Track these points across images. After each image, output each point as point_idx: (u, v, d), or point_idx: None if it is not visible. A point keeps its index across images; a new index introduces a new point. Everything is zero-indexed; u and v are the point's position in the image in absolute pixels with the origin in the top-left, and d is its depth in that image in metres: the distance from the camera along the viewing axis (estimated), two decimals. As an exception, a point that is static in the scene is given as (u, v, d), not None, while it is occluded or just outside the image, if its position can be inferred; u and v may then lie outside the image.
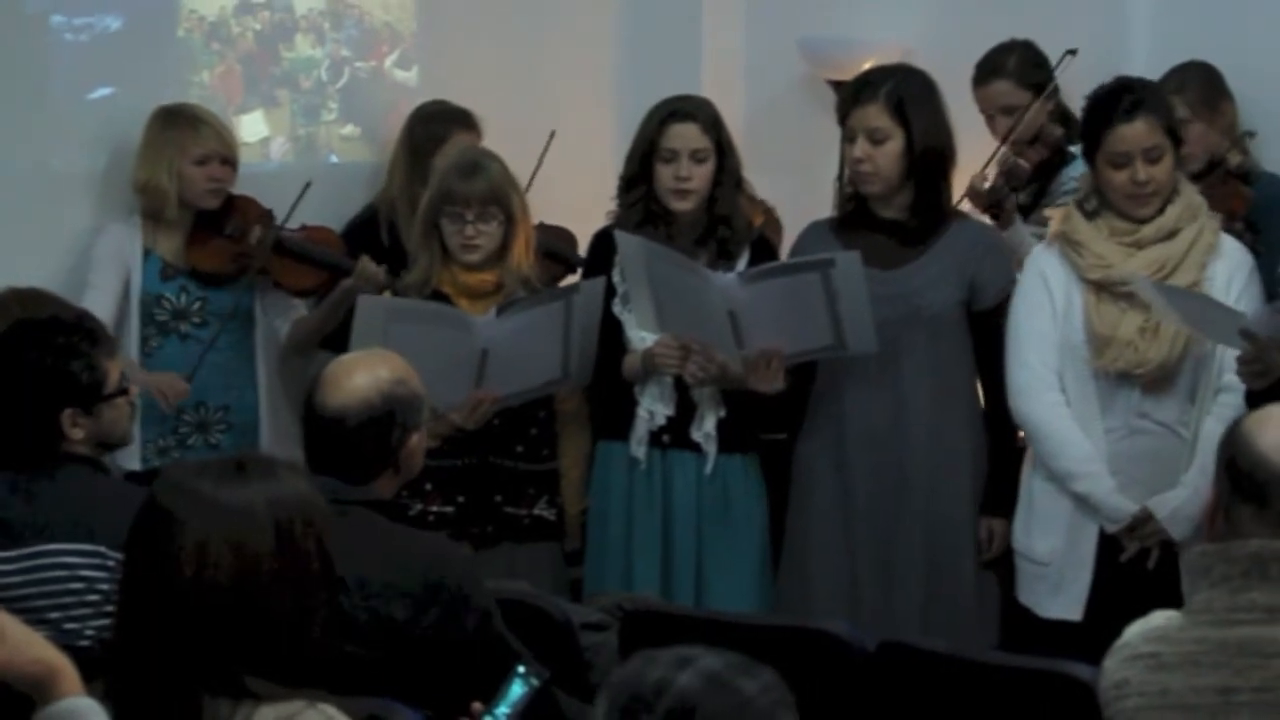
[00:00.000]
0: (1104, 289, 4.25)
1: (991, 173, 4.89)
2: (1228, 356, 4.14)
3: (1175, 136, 4.23)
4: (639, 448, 4.56)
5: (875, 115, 4.39)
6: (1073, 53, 4.86)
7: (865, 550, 4.47)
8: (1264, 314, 4.03)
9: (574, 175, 5.21)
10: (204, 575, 2.23)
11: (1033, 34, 5.07)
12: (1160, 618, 2.49)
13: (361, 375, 3.25)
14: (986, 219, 4.81)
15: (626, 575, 4.56)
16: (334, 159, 5.56)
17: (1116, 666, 2.47)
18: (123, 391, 3.51)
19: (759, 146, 5.40)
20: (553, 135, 5.10)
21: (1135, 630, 2.51)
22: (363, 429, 3.20)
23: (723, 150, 4.54)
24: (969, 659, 3.35)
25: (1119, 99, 4.20)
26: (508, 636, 3.14)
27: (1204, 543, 2.48)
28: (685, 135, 4.50)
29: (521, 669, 2.82)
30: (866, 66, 4.83)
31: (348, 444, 3.21)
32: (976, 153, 4.82)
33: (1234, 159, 4.77)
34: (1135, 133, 4.17)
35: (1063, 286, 4.30)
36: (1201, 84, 4.86)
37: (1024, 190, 4.97)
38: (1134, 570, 4.19)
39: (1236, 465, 2.43)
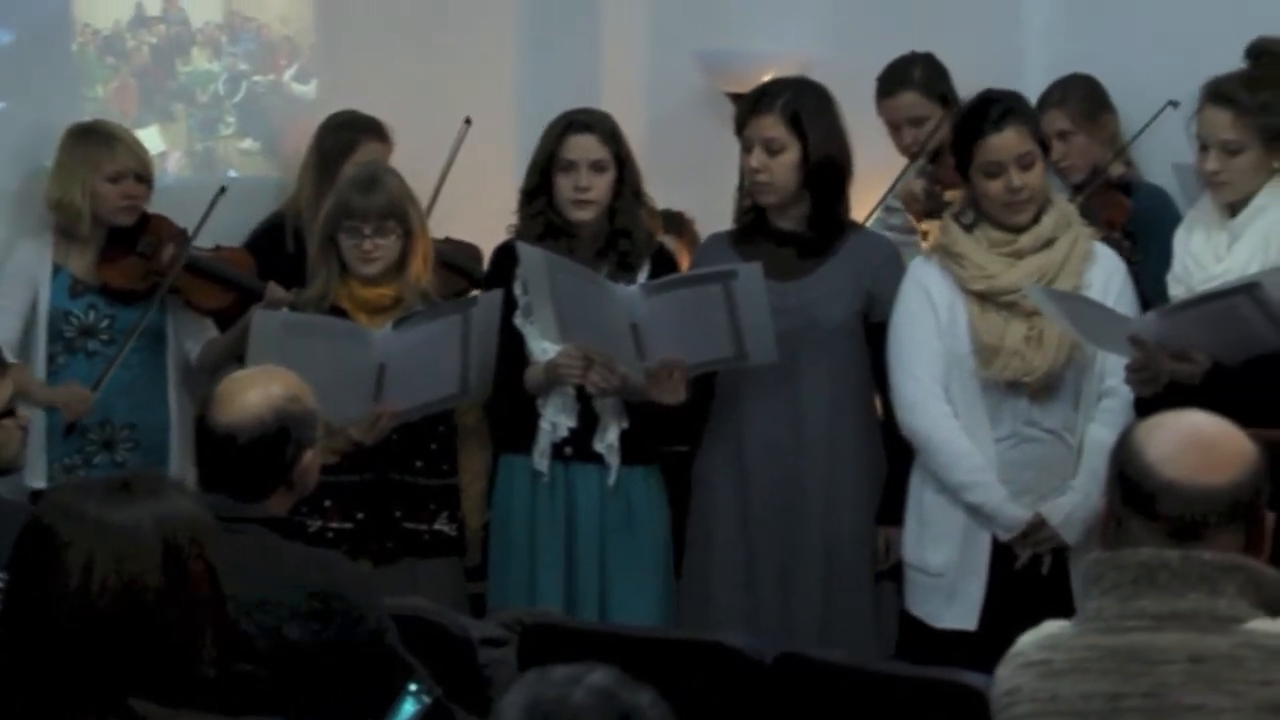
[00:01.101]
0: (987, 299, 4.29)
1: (919, 182, 4.92)
2: (1109, 362, 4.20)
3: (1044, 145, 4.29)
4: (541, 460, 4.56)
5: (771, 126, 4.41)
6: (972, 67, 4.89)
7: (764, 561, 4.49)
8: (1152, 320, 4.08)
9: (477, 190, 5.20)
10: (89, 596, 2.21)
11: (928, 47, 5.11)
12: (1053, 626, 2.51)
13: (254, 392, 3.23)
14: (923, 229, 4.85)
15: (530, 589, 4.55)
16: (232, 174, 5.52)
17: (1009, 674, 2.49)
18: (9, 413, 3.47)
19: (659, 158, 5.40)
20: (468, 122, 5.11)
21: (1028, 638, 2.52)
22: (255, 446, 3.18)
23: (622, 162, 4.56)
24: (865, 669, 3.38)
25: (987, 110, 4.26)
26: (402, 654, 3.13)
27: (1097, 550, 2.49)
28: (584, 146, 4.51)
29: (413, 687, 2.81)
30: (765, 79, 4.85)
31: (240, 461, 3.19)
32: (873, 166, 4.85)
33: (1116, 170, 4.83)
34: (1006, 141, 4.22)
35: (945, 298, 4.34)
36: (1083, 96, 4.93)
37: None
38: (1027, 577, 4.23)
39: (1126, 475, 2.43)
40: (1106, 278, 4.30)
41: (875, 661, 3.54)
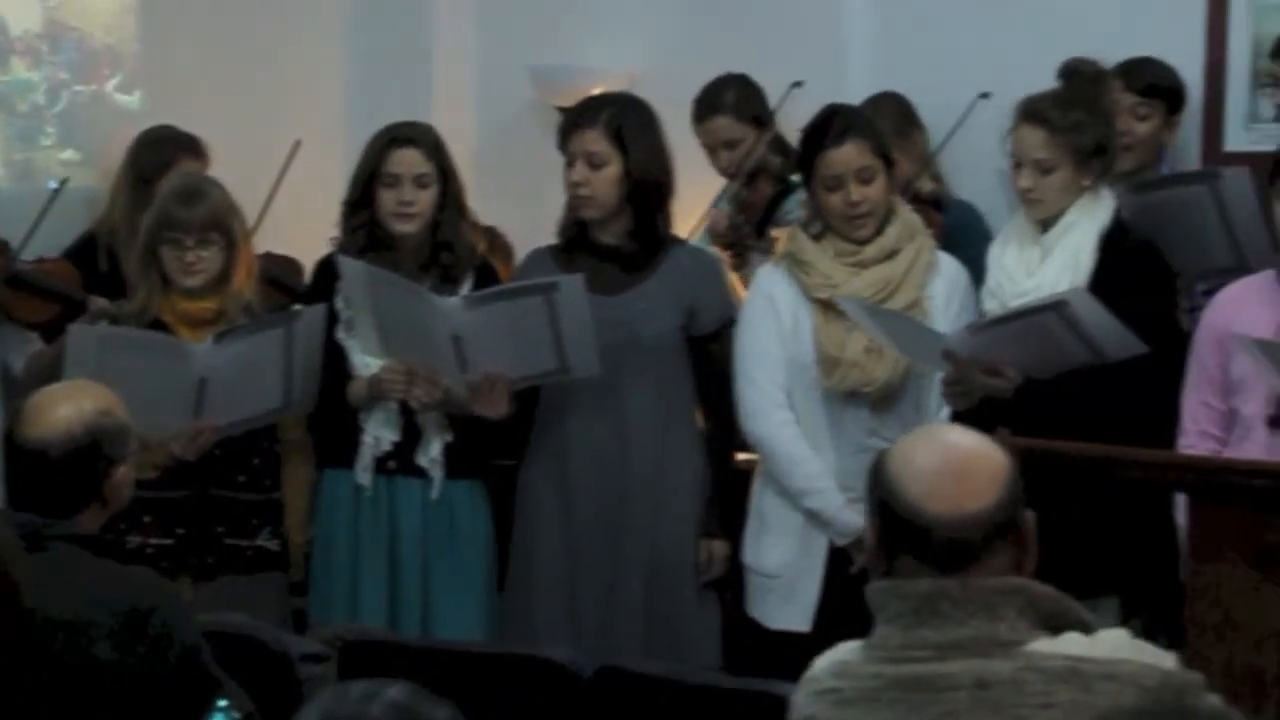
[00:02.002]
0: (831, 308, 4.34)
1: (726, 213, 4.96)
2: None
3: (887, 159, 4.34)
4: (364, 475, 4.53)
5: (594, 140, 4.43)
6: (798, 84, 4.94)
7: (589, 574, 4.50)
8: (964, 335, 4.14)
9: (305, 204, 5.16)
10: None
11: (755, 65, 5.16)
12: (845, 650, 2.50)
13: (64, 407, 3.18)
14: (725, 258, 4.88)
15: (352, 604, 4.52)
16: (53, 184, 5.43)
17: (804, 701, 2.49)
18: None
19: (491, 172, 5.42)
20: (297, 145, 5.06)
21: (822, 663, 2.52)
22: (65, 461, 3.14)
23: (445, 176, 4.55)
24: (684, 681, 3.39)
25: (829, 125, 4.31)
26: (215, 671, 3.10)
27: (874, 579, 2.48)
28: (407, 161, 4.50)
29: (223, 703, 2.79)
30: (595, 93, 4.87)
31: (50, 477, 3.14)
32: (695, 182, 4.89)
33: (926, 186, 4.90)
34: (845, 156, 4.27)
35: (790, 306, 4.38)
36: (893, 114, 5.00)
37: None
38: (862, 581, 4.27)
39: (893, 513, 2.41)
40: (950, 289, 4.35)
41: (695, 673, 3.55)
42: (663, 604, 4.50)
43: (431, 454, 4.54)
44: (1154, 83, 4.68)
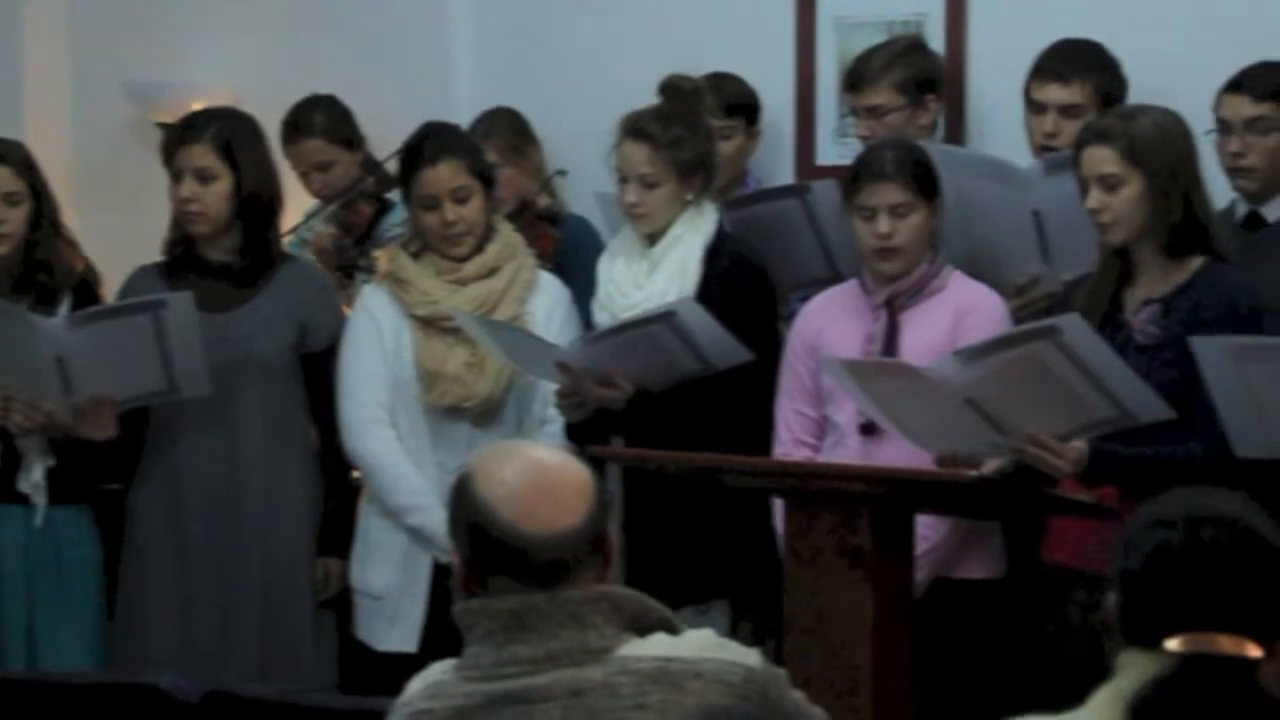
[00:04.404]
0: (431, 325, 4.36)
1: (329, 234, 4.92)
2: (548, 388, 4.30)
3: (485, 178, 4.38)
4: (-38, 503, 4.39)
5: (202, 155, 4.38)
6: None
7: (202, 598, 4.42)
8: (577, 346, 4.20)
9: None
10: None
11: (357, 81, 5.14)
12: (436, 671, 2.50)
13: None
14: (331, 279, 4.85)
15: (-47, 637, 4.38)
16: None
17: None
18: None
19: (87, 189, 5.28)
20: None
21: (415, 686, 2.50)
22: None
23: (38, 193, 4.44)
24: (292, 703, 3.36)
25: (424, 144, 4.34)
26: None
27: (460, 599, 2.46)
28: None
29: None
30: (195, 109, 4.80)
31: None
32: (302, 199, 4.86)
33: (542, 201, 4.96)
34: (440, 176, 4.30)
35: (392, 324, 4.40)
36: (508, 129, 5.04)
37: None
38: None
39: (488, 536, 2.40)
40: (550, 306, 4.41)
41: (305, 694, 3.52)
42: (279, 625, 4.45)
43: (33, 479, 4.41)
44: (734, 101, 4.81)
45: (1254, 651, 2.19)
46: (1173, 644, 2.20)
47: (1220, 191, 4.25)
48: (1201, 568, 2.22)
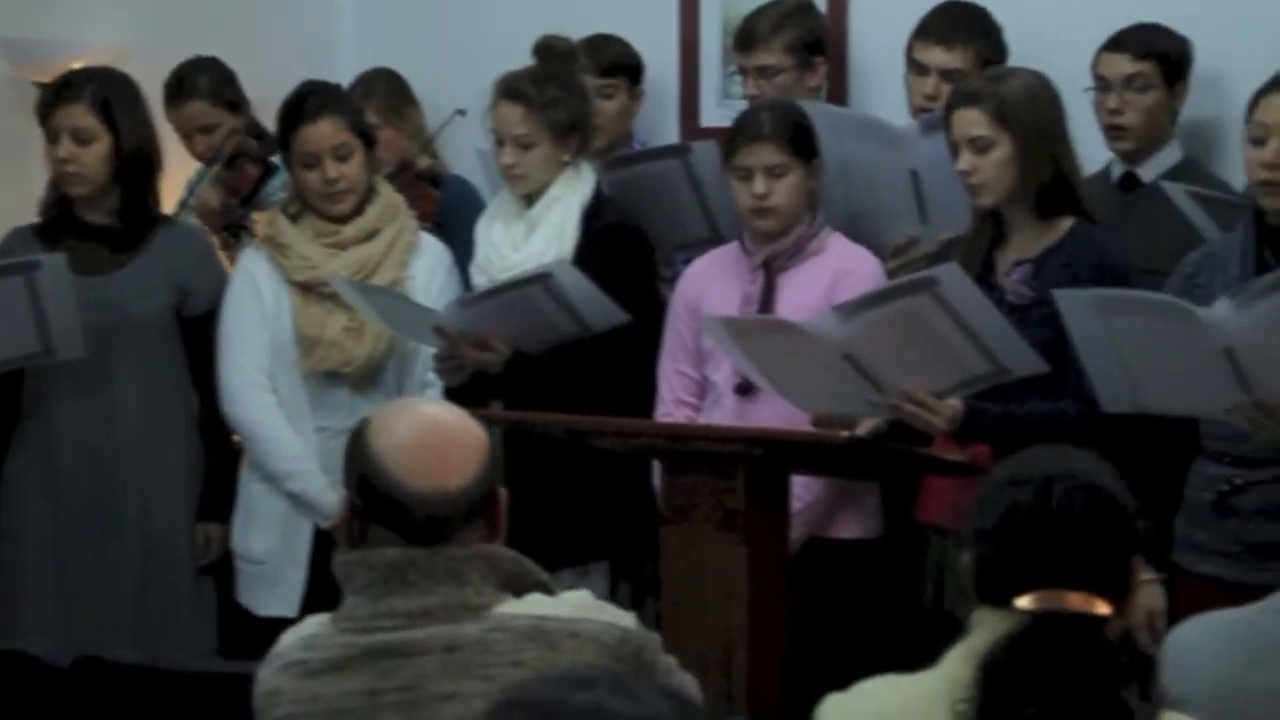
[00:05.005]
0: (310, 290, 4.34)
1: (214, 194, 4.88)
2: (429, 352, 4.28)
3: (366, 137, 4.35)
4: None
5: (80, 115, 4.35)
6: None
7: (79, 563, 4.39)
8: (453, 309, 4.18)
9: None
10: None
11: (241, 41, 5.08)
12: (312, 624, 2.50)
13: None
14: (217, 240, 4.81)
15: None
16: None
17: (269, 676, 2.48)
18: None
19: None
20: None
21: (289, 638, 2.51)
22: None
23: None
24: (163, 668, 3.35)
25: (305, 102, 4.32)
26: None
27: (344, 550, 2.48)
28: None
29: None
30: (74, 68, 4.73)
31: None
32: (182, 161, 4.81)
33: (422, 162, 4.93)
34: (321, 133, 4.28)
35: (272, 289, 4.37)
36: (387, 91, 5.00)
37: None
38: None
39: (373, 488, 2.41)
40: (431, 269, 4.39)
41: (176, 660, 3.52)
42: (158, 591, 4.43)
43: (-96, 445, 4.37)
44: (615, 62, 4.80)
45: (1103, 609, 2.22)
46: (1023, 601, 2.22)
47: (1098, 153, 4.30)
48: (1052, 526, 2.24)
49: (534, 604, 2.43)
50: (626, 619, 2.47)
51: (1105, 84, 4.26)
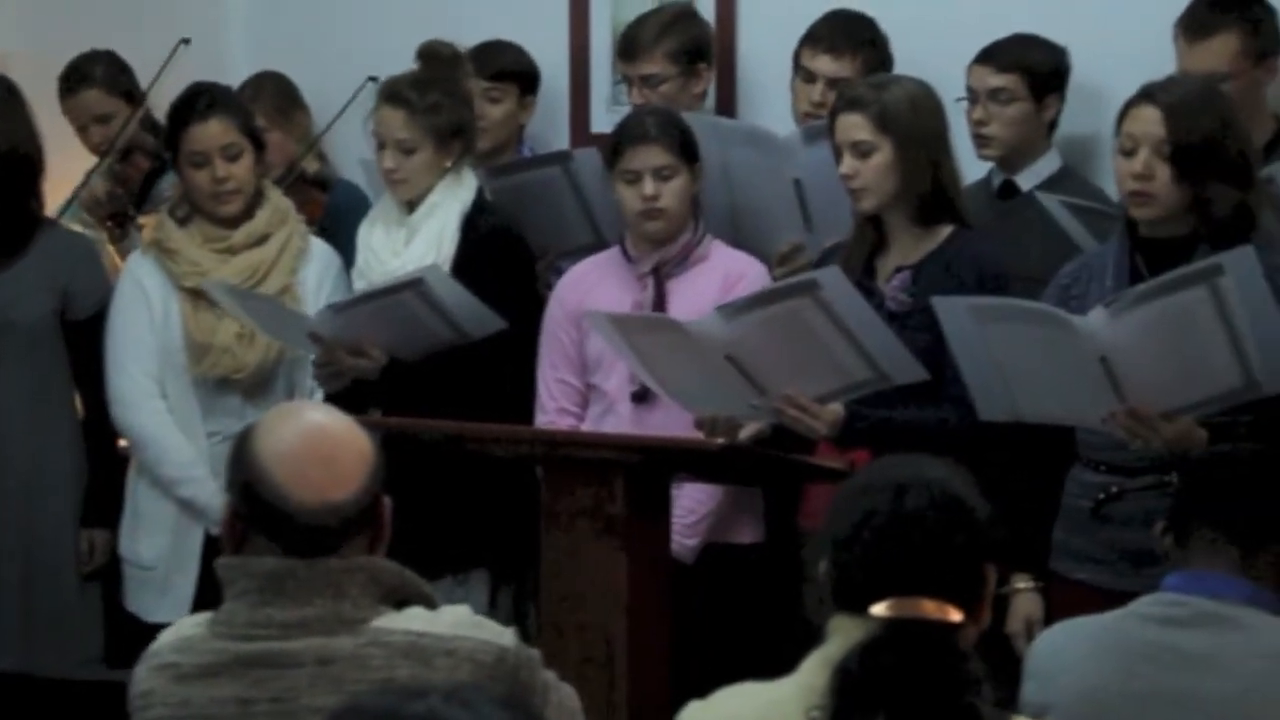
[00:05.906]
0: (200, 296, 4.31)
1: (102, 184, 4.84)
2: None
3: (256, 139, 4.33)
4: None
5: None
6: (186, 42, 4.84)
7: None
8: (326, 315, 4.17)
9: None
10: None
11: (128, 41, 5.05)
12: (189, 625, 2.48)
13: None
14: (104, 233, 4.77)
15: None
16: None
17: (144, 675, 2.46)
18: None
19: None
20: None
21: (166, 638, 2.49)
22: None
23: None
24: (39, 675, 3.32)
25: (195, 101, 4.30)
26: None
27: (226, 554, 2.44)
28: None
29: None
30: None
31: None
32: (65, 162, 4.76)
33: (311, 166, 4.91)
34: (210, 132, 4.27)
35: (160, 294, 4.35)
36: (275, 93, 4.98)
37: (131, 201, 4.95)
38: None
39: (257, 496, 2.37)
40: (321, 274, 4.38)
41: (51, 667, 3.49)
42: (42, 597, 4.40)
43: None
44: (505, 68, 4.79)
45: (956, 616, 2.23)
46: (878, 609, 2.22)
47: (980, 161, 4.33)
48: (905, 534, 2.25)
49: (413, 619, 2.41)
50: (506, 637, 2.44)
51: (974, 95, 4.31)
